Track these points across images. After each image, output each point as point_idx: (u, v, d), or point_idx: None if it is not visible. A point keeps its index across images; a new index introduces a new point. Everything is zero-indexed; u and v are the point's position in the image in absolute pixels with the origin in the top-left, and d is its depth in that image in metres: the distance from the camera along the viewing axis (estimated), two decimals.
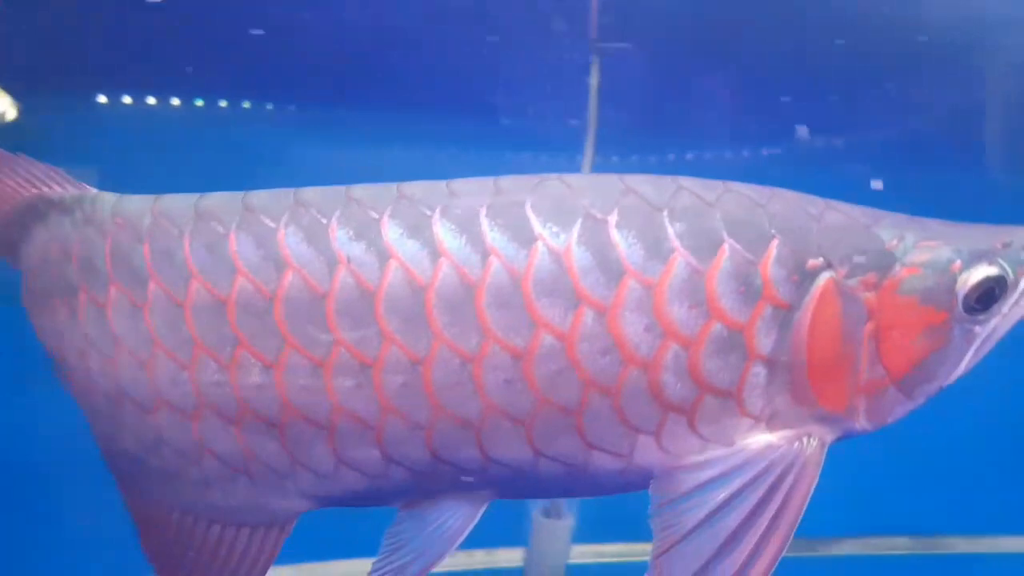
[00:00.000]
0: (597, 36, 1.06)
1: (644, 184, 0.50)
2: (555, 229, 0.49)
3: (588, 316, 0.48)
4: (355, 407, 0.51)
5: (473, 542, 1.47)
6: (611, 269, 0.48)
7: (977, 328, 0.50)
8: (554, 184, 0.51)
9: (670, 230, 0.49)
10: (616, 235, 0.49)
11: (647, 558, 1.48)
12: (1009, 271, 0.49)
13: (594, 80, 1.07)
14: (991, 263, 0.49)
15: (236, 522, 0.58)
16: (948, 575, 1.27)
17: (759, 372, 0.49)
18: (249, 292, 0.51)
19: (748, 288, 0.48)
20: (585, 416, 0.49)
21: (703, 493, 0.48)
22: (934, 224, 0.51)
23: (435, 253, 0.49)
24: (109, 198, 0.56)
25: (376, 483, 0.54)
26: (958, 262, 0.49)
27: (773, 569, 0.47)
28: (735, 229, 0.49)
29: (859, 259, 0.49)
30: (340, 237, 0.50)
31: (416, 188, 0.51)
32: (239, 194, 0.53)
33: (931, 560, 1.29)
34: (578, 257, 0.48)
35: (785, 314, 0.48)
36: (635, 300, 0.48)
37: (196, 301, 0.52)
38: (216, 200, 0.53)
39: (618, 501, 1.45)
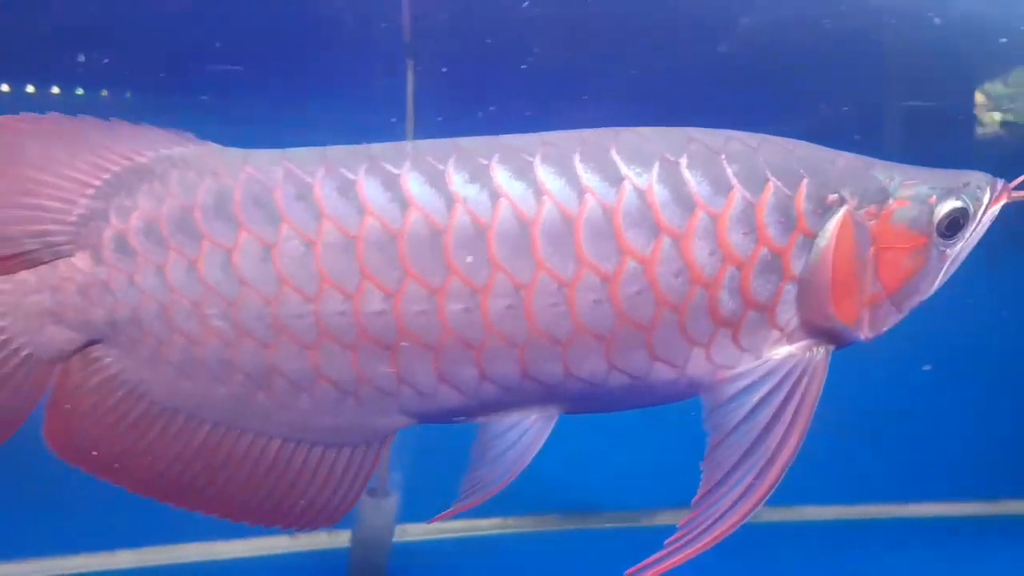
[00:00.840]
0: (411, 39, 1.05)
1: (702, 134, 0.59)
2: (638, 170, 0.57)
3: (666, 243, 0.57)
4: (462, 329, 0.57)
5: None
6: (684, 203, 0.57)
7: (948, 251, 0.61)
8: (630, 134, 0.59)
9: (728, 170, 0.58)
10: (687, 175, 0.57)
11: (473, 533, 1.46)
12: (970, 204, 0.61)
13: (410, 85, 1.08)
14: (957, 198, 0.60)
15: (337, 443, 0.63)
16: (758, 542, 1.35)
17: (790, 290, 0.58)
18: (376, 229, 0.57)
19: (787, 219, 0.58)
20: (655, 332, 0.58)
21: (741, 397, 0.58)
22: (911, 168, 0.62)
23: (538, 192, 0.57)
24: (236, 152, 0.60)
25: (468, 400, 0.60)
26: (934, 196, 0.60)
27: (796, 452, 0.57)
28: (776, 170, 0.58)
29: (864, 194, 0.59)
30: (456, 180, 0.57)
31: (515, 139, 0.59)
32: (363, 146, 0.60)
33: (743, 528, 1.36)
34: (658, 193, 0.57)
35: (811, 241, 0.58)
36: (703, 229, 0.57)
37: (326, 239, 0.57)
38: (342, 151, 0.59)
39: (442, 479, 1.42)
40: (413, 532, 1.33)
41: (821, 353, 0.60)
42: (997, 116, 1.17)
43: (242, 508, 0.63)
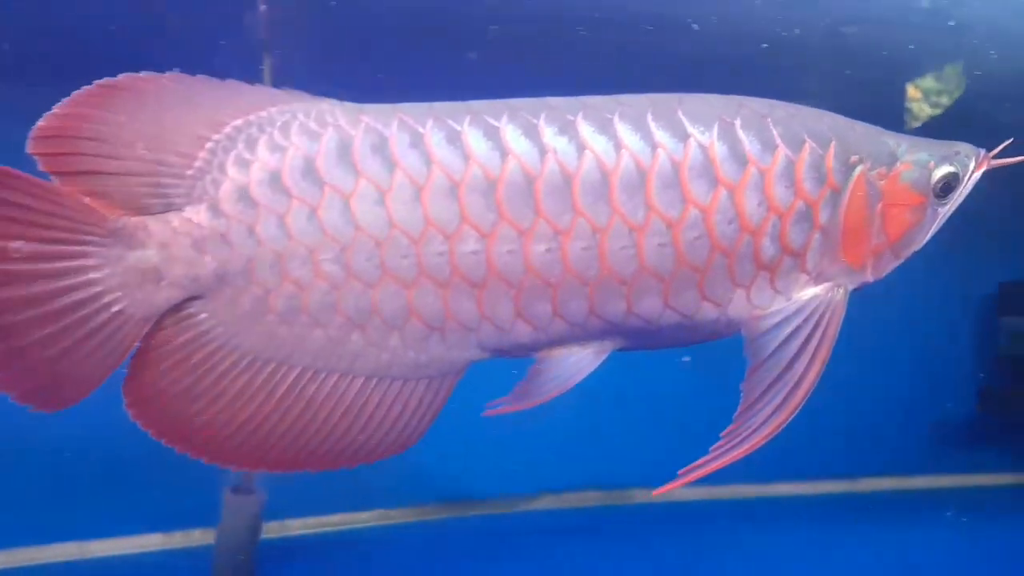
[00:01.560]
0: (268, 34, 1.04)
1: (750, 100, 0.67)
2: (701, 129, 0.65)
3: (723, 194, 0.64)
4: (544, 268, 0.63)
5: (170, 524, 1.38)
6: (739, 159, 0.64)
7: (940, 209, 0.70)
8: (694, 98, 0.66)
9: (774, 131, 0.65)
10: (741, 134, 0.65)
11: (353, 526, 1.46)
12: (959, 170, 0.70)
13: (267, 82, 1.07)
14: (951, 163, 0.70)
15: (414, 378, 0.67)
16: (631, 523, 1.39)
17: (818, 238, 0.66)
18: (478, 176, 0.62)
19: (819, 175, 0.66)
20: (707, 274, 0.65)
21: (775, 331, 0.66)
22: (911, 137, 0.71)
23: (618, 146, 0.63)
24: (351, 106, 0.64)
25: (538, 335, 0.66)
26: (932, 162, 0.69)
27: (819, 377, 0.65)
28: (811, 133, 0.66)
29: (877, 157, 0.68)
30: (547, 133, 0.63)
31: (596, 99, 0.65)
32: (464, 103, 0.64)
33: (617, 510, 1.41)
34: (718, 149, 0.65)
35: (837, 195, 0.67)
36: (753, 182, 0.65)
37: (434, 185, 0.62)
38: (447, 105, 0.64)
39: (308, 477, 1.41)
40: (292, 527, 1.34)
41: (840, 294, 0.69)
42: (927, 109, 1.23)
43: (313, 453, 0.66)
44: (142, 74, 0.59)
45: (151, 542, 1.28)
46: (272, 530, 1.32)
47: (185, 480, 1.16)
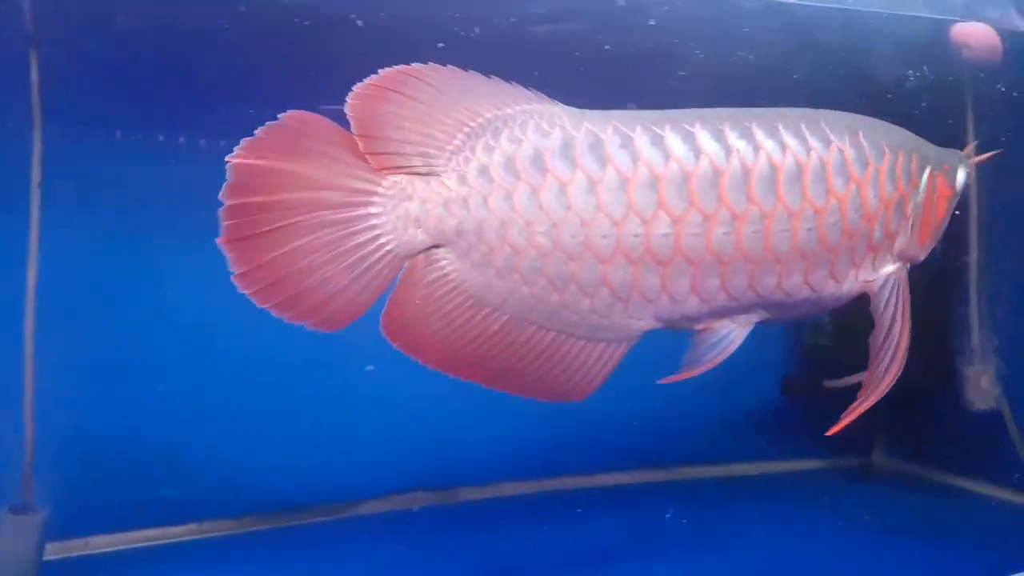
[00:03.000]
0: (33, 30, 0.99)
1: (857, 117, 0.84)
2: (838, 136, 0.80)
3: (853, 188, 0.80)
4: (720, 248, 0.77)
5: None
6: (863, 161, 0.81)
7: (955, 201, 0.90)
8: (829, 113, 0.82)
9: (883, 141, 0.82)
10: (864, 140, 0.81)
11: (166, 541, 1.39)
12: (969, 170, 0.91)
13: (35, 82, 1.02)
14: (964, 166, 0.91)
15: (597, 338, 0.81)
16: (460, 522, 1.40)
17: (905, 226, 0.84)
18: (675, 171, 0.76)
19: (908, 176, 0.84)
20: (837, 255, 0.81)
21: (879, 301, 0.84)
22: (928, 143, 0.89)
23: (783, 147, 0.78)
24: (575, 110, 0.78)
25: (705, 308, 0.81)
26: (959, 165, 0.90)
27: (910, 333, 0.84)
28: (901, 143, 0.84)
29: (935, 161, 0.87)
30: (731, 136, 0.77)
31: (762, 111, 0.80)
32: (665, 111, 0.78)
33: (445, 510, 1.42)
34: (850, 152, 0.80)
35: (916, 192, 0.84)
36: (873, 179, 0.81)
37: (639, 178, 0.76)
38: (651, 113, 0.78)
39: (94, 493, 1.34)
40: (96, 544, 1.28)
41: (905, 270, 0.86)
42: None
43: (517, 383, 0.82)
44: (429, 65, 0.75)
45: None
46: (74, 548, 1.26)
47: None
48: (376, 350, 1.33)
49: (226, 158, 0.70)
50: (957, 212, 1.18)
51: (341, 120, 0.72)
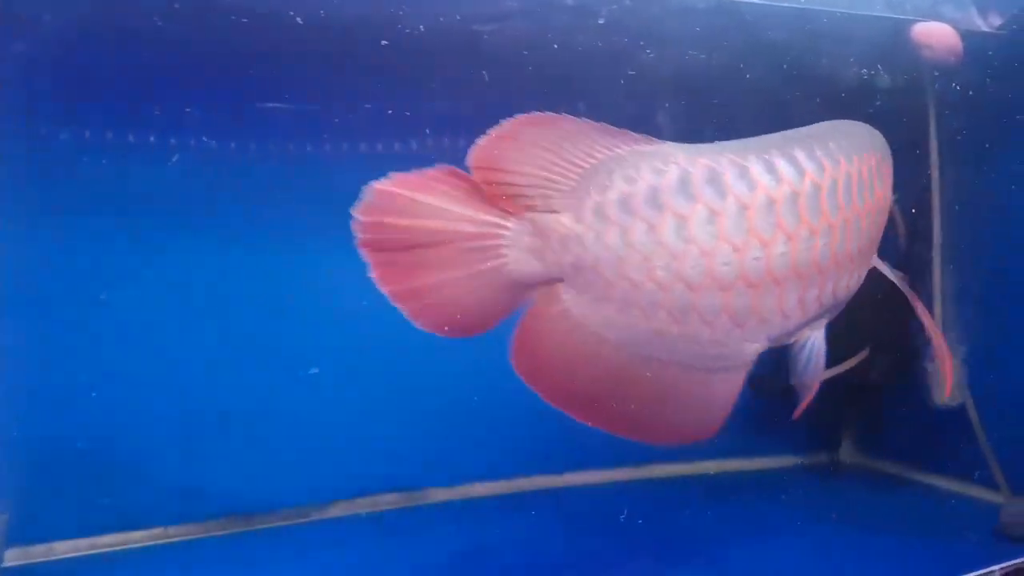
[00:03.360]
0: None
1: (854, 128, 0.92)
2: (855, 153, 0.87)
3: (880, 192, 0.89)
4: (822, 260, 0.83)
5: None
6: (881, 168, 0.90)
7: None
8: (830, 130, 0.89)
9: (880, 150, 0.93)
10: (875, 152, 0.90)
11: (127, 547, 1.38)
12: None
13: None
14: None
15: (717, 367, 0.83)
16: (429, 523, 1.39)
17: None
18: (787, 193, 0.81)
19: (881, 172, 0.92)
20: (866, 255, 0.90)
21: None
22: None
23: (836, 164, 0.85)
24: (689, 146, 0.82)
25: (802, 320, 0.86)
26: None
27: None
28: (876, 144, 0.93)
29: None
30: (801, 159, 0.82)
31: (806, 132, 0.87)
32: (741, 140, 0.84)
33: (415, 511, 1.41)
34: (872, 162, 0.87)
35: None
36: (885, 182, 0.91)
37: (757, 203, 0.80)
38: (734, 145, 0.83)
39: (57, 497, 1.33)
40: (60, 550, 1.26)
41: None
42: None
43: (637, 425, 0.85)
44: (545, 113, 0.80)
45: None
46: (36, 554, 1.24)
47: None
48: (343, 353, 1.34)
49: (372, 184, 0.80)
50: (913, 210, 1.20)
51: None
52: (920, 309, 0.98)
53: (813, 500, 1.44)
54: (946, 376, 1.00)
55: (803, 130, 0.88)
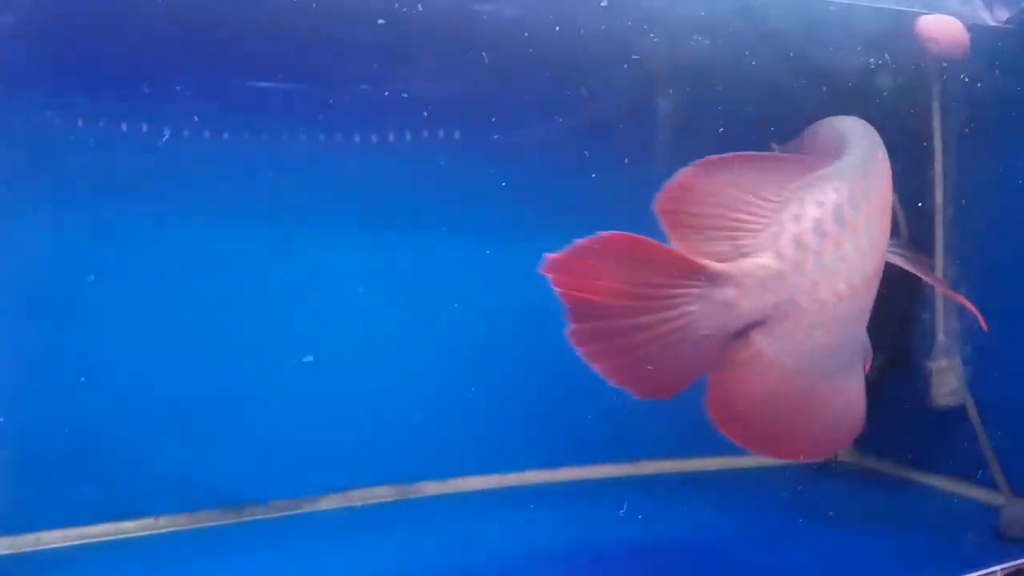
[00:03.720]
0: None
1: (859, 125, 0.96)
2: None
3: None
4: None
5: None
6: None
7: None
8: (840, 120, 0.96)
9: None
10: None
11: (117, 537, 1.37)
12: None
13: None
14: None
15: (854, 367, 0.88)
16: (422, 517, 1.39)
17: None
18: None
19: None
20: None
21: None
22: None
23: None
24: (856, 164, 0.86)
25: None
26: None
27: None
28: None
29: None
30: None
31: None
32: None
33: (407, 504, 1.40)
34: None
35: None
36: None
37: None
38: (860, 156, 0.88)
39: (45, 487, 1.32)
40: (48, 540, 1.25)
41: None
42: None
43: (819, 443, 0.89)
44: (729, 154, 0.80)
45: None
46: (25, 544, 1.23)
47: None
48: (338, 344, 1.33)
49: (547, 256, 0.80)
50: (919, 204, 1.19)
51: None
52: (933, 279, 1.03)
53: (811, 499, 1.42)
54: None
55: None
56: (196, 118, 1.14)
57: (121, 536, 1.29)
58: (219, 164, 1.25)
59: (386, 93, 1.13)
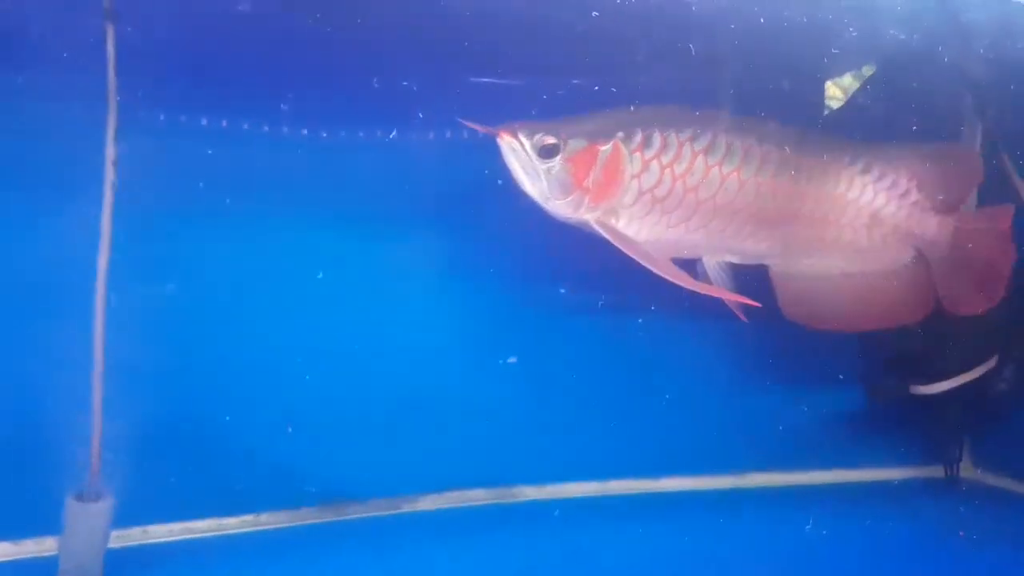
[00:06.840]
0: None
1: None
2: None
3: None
4: None
5: (21, 532, 1.27)
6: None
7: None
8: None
9: None
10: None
11: (221, 533, 1.36)
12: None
13: (111, 58, 0.98)
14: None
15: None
16: (520, 521, 1.36)
17: None
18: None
19: None
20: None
21: None
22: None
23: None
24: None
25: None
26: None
27: None
28: None
29: None
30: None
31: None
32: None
33: (505, 508, 1.38)
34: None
35: None
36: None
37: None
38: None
39: (154, 481, 1.32)
40: (155, 534, 1.27)
41: None
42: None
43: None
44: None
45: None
46: (133, 537, 1.24)
47: (34, 487, 1.09)
48: (444, 351, 1.31)
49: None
50: None
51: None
52: None
53: (929, 515, 1.36)
54: None
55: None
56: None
57: (223, 532, 1.29)
58: (359, 167, 1.26)
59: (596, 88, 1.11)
